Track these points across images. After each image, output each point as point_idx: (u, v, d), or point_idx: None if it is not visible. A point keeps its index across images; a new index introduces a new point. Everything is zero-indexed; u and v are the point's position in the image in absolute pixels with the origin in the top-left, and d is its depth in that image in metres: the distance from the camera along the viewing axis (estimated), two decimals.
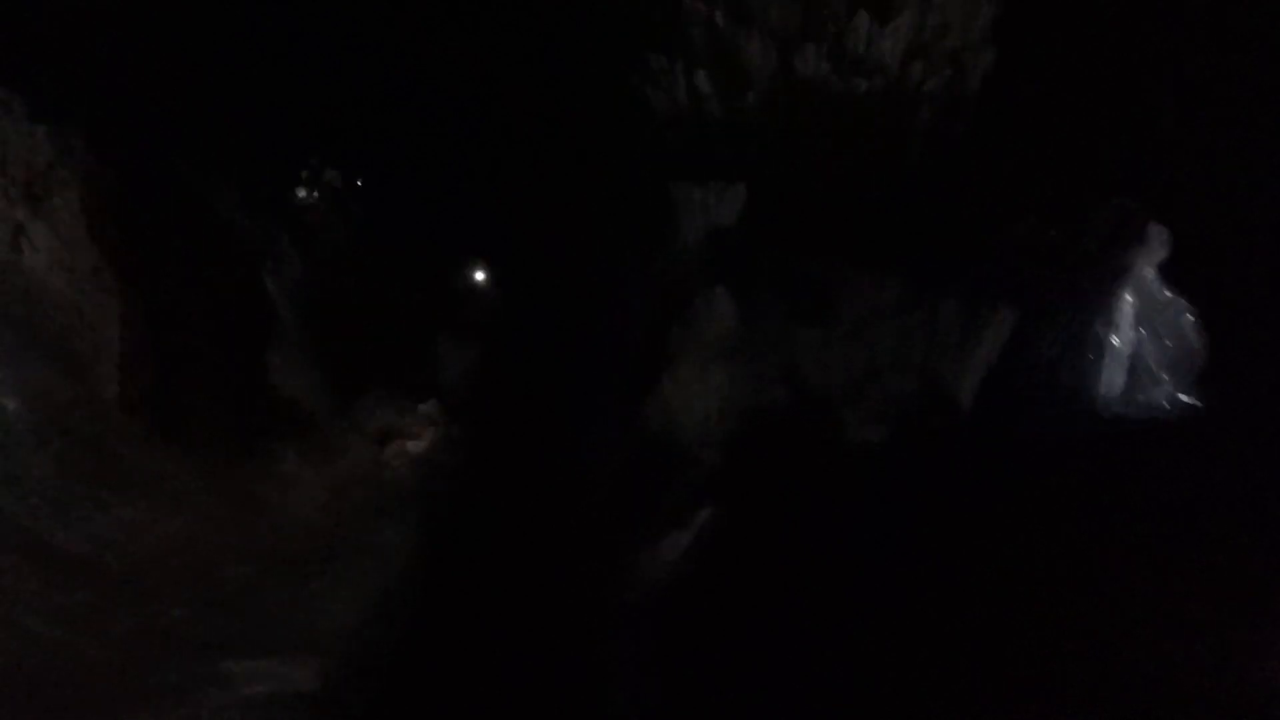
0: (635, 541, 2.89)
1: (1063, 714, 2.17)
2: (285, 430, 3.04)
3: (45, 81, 2.72)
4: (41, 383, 2.44)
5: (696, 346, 3.47)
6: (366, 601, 2.11)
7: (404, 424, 3.21)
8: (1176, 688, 2.14)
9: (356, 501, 2.61)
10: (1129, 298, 2.94)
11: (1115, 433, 2.82)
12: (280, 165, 3.60)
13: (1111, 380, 2.90)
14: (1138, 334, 2.94)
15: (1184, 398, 2.93)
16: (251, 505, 2.50)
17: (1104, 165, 3.25)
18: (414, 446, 2.97)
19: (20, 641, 1.84)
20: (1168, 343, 2.96)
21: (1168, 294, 2.97)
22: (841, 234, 3.39)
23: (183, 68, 3.17)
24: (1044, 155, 3.26)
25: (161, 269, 3.08)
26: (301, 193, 3.54)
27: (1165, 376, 2.95)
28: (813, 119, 3.14)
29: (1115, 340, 2.91)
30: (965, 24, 3.18)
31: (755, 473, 3.18)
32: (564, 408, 3.58)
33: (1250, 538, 2.47)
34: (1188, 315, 2.96)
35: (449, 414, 3.50)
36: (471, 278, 3.80)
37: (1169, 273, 2.95)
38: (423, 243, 3.71)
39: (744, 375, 3.42)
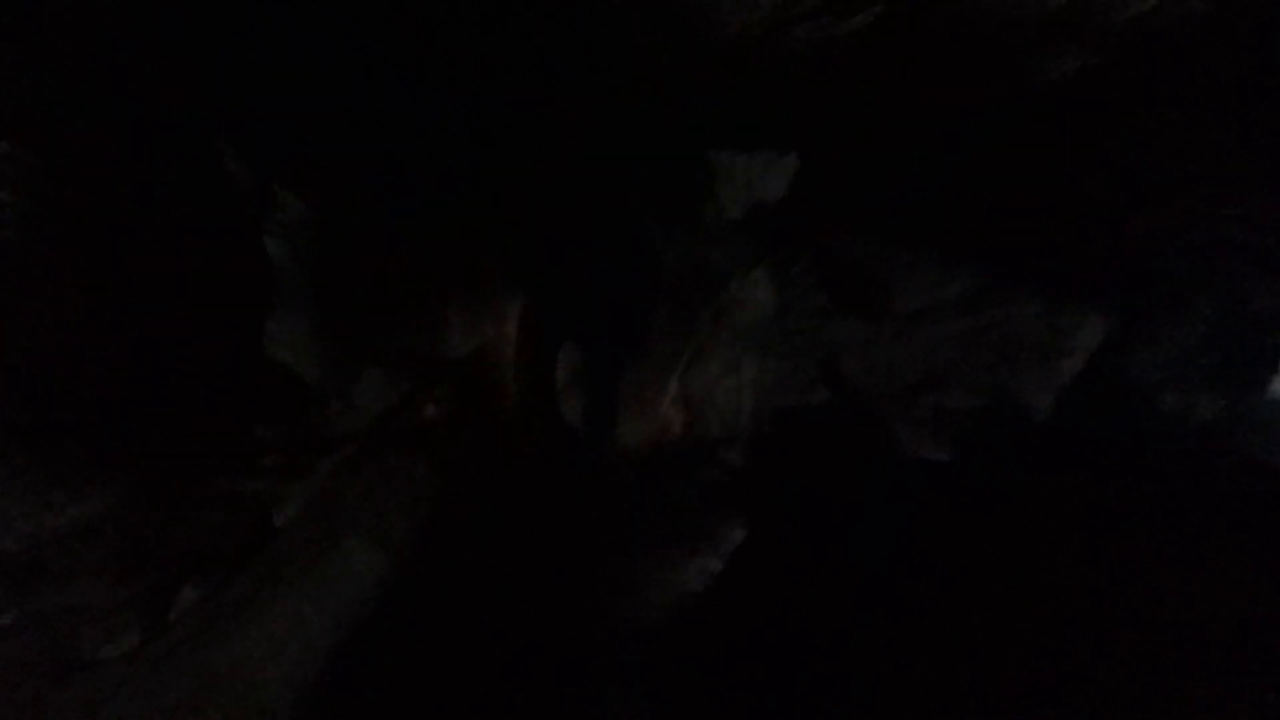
0: (655, 563, 2.59)
1: None
2: (275, 416, 2.75)
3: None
4: None
5: (729, 334, 3.13)
6: (329, 643, 1.83)
7: (403, 414, 2.91)
8: None
9: (339, 508, 2.33)
10: None
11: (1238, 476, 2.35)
12: (287, 118, 3.23)
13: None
14: None
15: None
16: (222, 507, 2.24)
17: None
18: (407, 442, 2.67)
19: None
20: None
21: None
22: (905, 210, 2.88)
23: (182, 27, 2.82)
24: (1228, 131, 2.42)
25: (147, 236, 2.78)
26: (309, 147, 3.18)
27: None
28: (935, 48, 2.20)
29: None
30: None
31: (787, 487, 2.84)
32: (579, 391, 3.29)
33: None
34: None
35: (453, 400, 3.20)
36: (485, 246, 3.45)
37: None
38: (435, 206, 3.35)
39: (780, 370, 3.07)
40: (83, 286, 2.52)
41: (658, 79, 2.55)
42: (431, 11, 2.72)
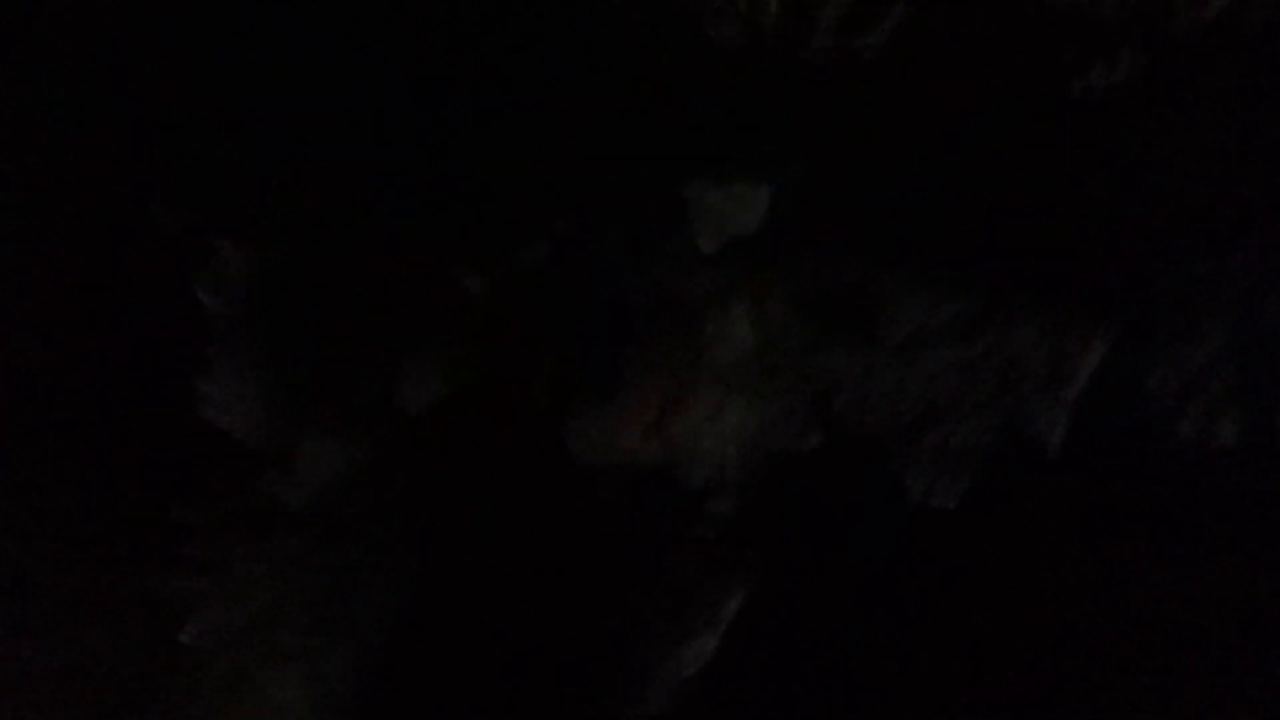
0: (645, 648, 2.33)
1: None
2: (208, 496, 2.46)
3: None
4: None
5: (709, 376, 2.94)
6: None
7: (358, 488, 2.63)
8: None
9: (285, 604, 2.01)
10: None
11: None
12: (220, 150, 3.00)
13: None
14: None
15: None
16: (133, 615, 1.90)
17: None
18: (363, 523, 2.38)
19: None
20: None
21: None
22: (891, 225, 2.71)
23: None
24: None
25: (63, 282, 2.53)
26: (248, 183, 2.95)
27: None
28: (958, 59, 2.15)
29: None
30: None
31: (785, 541, 2.63)
32: (547, 444, 3.04)
33: None
34: None
35: (417, 462, 2.95)
36: (443, 289, 3.22)
37: None
38: (384, 246, 3.13)
39: (768, 413, 2.89)
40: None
41: (642, 91, 2.37)
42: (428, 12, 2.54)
